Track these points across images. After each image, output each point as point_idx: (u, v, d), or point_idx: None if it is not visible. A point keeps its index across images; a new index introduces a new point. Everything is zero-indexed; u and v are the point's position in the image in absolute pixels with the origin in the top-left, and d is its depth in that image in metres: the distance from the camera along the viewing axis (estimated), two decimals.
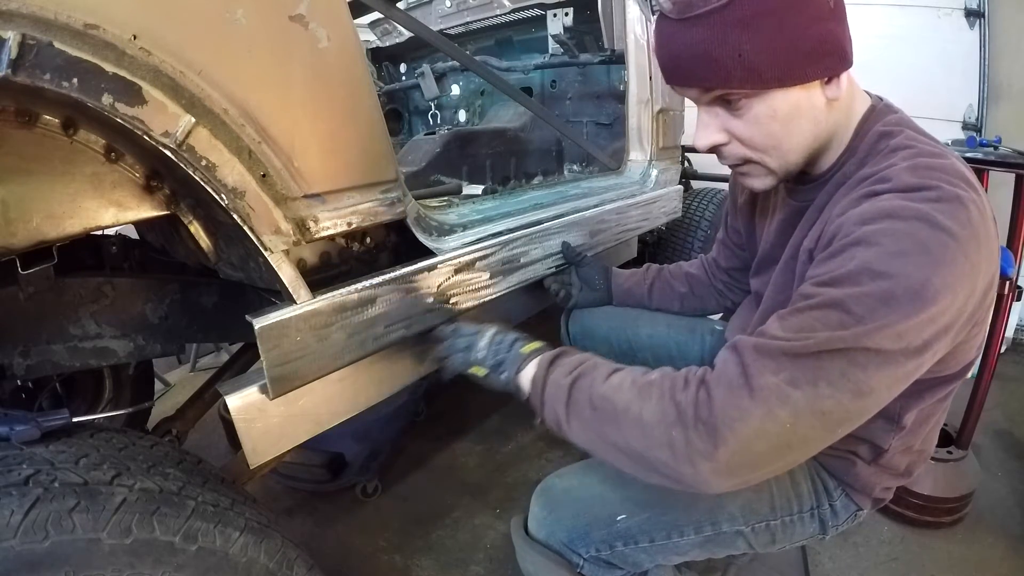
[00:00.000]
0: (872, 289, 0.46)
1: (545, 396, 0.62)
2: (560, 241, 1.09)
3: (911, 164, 0.52)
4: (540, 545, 0.71)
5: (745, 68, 0.51)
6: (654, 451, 0.52)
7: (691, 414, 0.50)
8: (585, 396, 0.59)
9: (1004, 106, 2.15)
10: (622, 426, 0.55)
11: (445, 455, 1.61)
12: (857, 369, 0.46)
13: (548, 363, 0.64)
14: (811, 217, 0.63)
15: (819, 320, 0.48)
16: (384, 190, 0.72)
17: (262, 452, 0.69)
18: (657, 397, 0.53)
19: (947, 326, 0.48)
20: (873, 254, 0.47)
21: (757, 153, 0.59)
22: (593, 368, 0.61)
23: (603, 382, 0.59)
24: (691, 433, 0.49)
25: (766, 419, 0.47)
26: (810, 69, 0.53)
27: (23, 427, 0.54)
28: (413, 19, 0.98)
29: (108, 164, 0.57)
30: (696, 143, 0.61)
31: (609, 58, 1.56)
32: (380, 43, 2.17)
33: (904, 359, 0.47)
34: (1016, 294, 1.27)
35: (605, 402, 0.57)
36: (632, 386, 0.56)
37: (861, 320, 0.46)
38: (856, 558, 1.20)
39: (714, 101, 0.58)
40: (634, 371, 0.59)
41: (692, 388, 0.52)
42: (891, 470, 0.68)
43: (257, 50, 0.56)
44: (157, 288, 0.93)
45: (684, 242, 1.96)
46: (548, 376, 0.63)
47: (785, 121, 0.56)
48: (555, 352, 0.67)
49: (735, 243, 0.93)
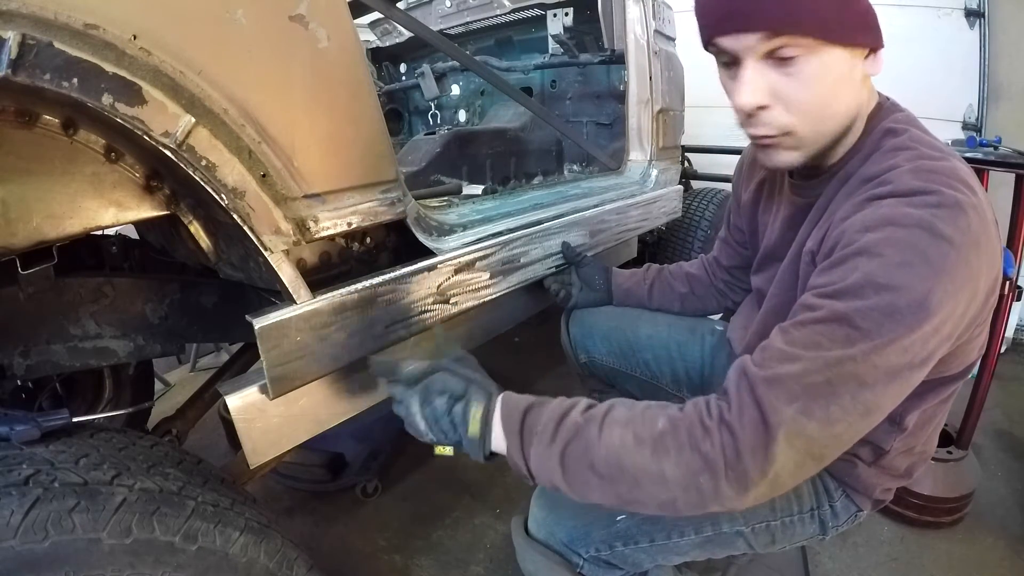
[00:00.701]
0: (877, 302, 0.47)
1: (534, 471, 0.57)
2: (560, 241, 1.09)
3: (912, 167, 0.52)
4: (540, 545, 0.71)
5: (815, 15, 0.50)
6: (680, 500, 0.51)
7: (720, 464, 0.49)
8: (584, 465, 0.54)
9: (1004, 106, 2.15)
10: (642, 486, 0.52)
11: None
12: (866, 390, 0.47)
13: (519, 434, 0.57)
14: (815, 216, 0.63)
15: (825, 335, 0.48)
16: (384, 190, 0.72)
17: (262, 452, 0.69)
18: (676, 450, 0.51)
19: (950, 334, 0.49)
20: (876, 265, 0.48)
21: (800, 120, 0.56)
22: (577, 429, 0.55)
23: (599, 442, 0.53)
24: (721, 481, 0.49)
25: (787, 453, 0.48)
26: (860, 35, 0.53)
27: (23, 427, 0.54)
28: (413, 19, 0.98)
29: (108, 164, 0.57)
30: (739, 101, 0.56)
31: (609, 58, 1.56)
32: (380, 43, 2.17)
33: (909, 372, 0.49)
34: (1016, 294, 1.27)
35: (613, 468, 0.52)
36: (638, 444, 0.52)
37: (867, 335, 0.47)
38: (856, 558, 1.20)
39: (767, 56, 0.54)
40: (631, 420, 0.54)
41: (716, 436, 0.50)
42: (892, 471, 0.68)
43: (257, 50, 0.56)
44: (157, 288, 0.93)
45: (684, 242, 1.96)
46: (527, 450, 0.56)
47: (834, 84, 0.54)
48: (519, 414, 0.58)
49: (737, 241, 0.93)
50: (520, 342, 2.31)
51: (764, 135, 0.58)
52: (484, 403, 0.58)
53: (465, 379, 0.61)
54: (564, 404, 0.58)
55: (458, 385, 0.60)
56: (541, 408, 0.58)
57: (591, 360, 1.05)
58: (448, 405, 0.59)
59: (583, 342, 1.05)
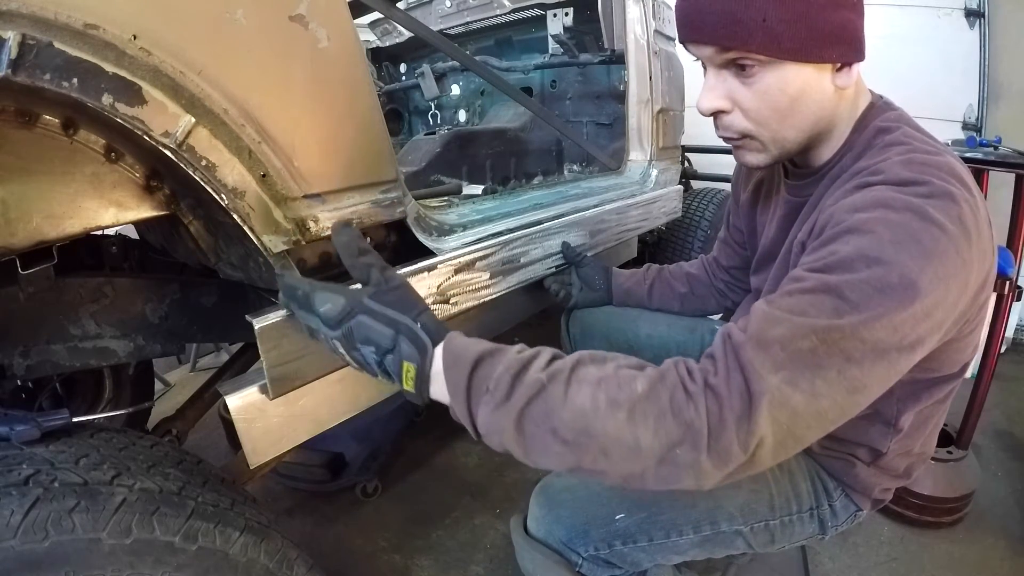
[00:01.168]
0: (867, 276, 0.45)
1: (482, 430, 0.50)
2: (560, 241, 1.09)
3: (905, 159, 0.52)
4: (539, 544, 0.71)
5: (767, 34, 0.51)
6: (650, 472, 0.47)
7: (704, 435, 0.45)
8: (545, 428, 0.47)
9: (1004, 106, 2.16)
10: (610, 455, 0.46)
11: (445, 455, 1.61)
12: (853, 366, 0.45)
13: (465, 389, 0.49)
14: (807, 213, 0.63)
15: (813, 305, 0.46)
16: (384, 190, 0.72)
17: (262, 452, 0.69)
18: (655, 417, 0.46)
19: (940, 322, 0.48)
20: (867, 241, 0.47)
21: (756, 127, 0.58)
22: (539, 387, 0.47)
23: (564, 403, 0.47)
24: (702, 456, 0.45)
25: (769, 426, 0.45)
26: (827, 51, 0.53)
27: (23, 427, 0.54)
28: (413, 19, 0.98)
29: (108, 164, 0.57)
30: (699, 105, 0.59)
31: (609, 58, 1.56)
32: (380, 43, 2.17)
33: (897, 354, 0.46)
34: (1016, 294, 1.27)
35: (579, 434, 0.46)
36: (611, 407, 0.46)
37: (856, 307, 0.45)
38: (856, 558, 1.20)
39: (727, 64, 0.56)
40: (603, 379, 0.48)
41: (700, 402, 0.45)
42: (890, 471, 0.68)
43: (257, 50, 0.56)
44: (157, 288, 0.93)
45: (684, 242, 1.96)
46: (475, 408, 0.49)
47: (793, 98, 0.55)
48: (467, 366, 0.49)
49: (736, 241, 0.93)
50: (520, 342, 2.31)
51: (726, 137, 0.62)
52: (417, 362, 0.50)
53: (392, 325, 0.51)
54: (523, 356, 0.50)
55: (384, 334, 0.50)
56: (493, 360, 0.50)
57: None
58: (377, 358, 0.51)
59: (583, 342, 1.05)
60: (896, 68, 2.16)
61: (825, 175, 0.62)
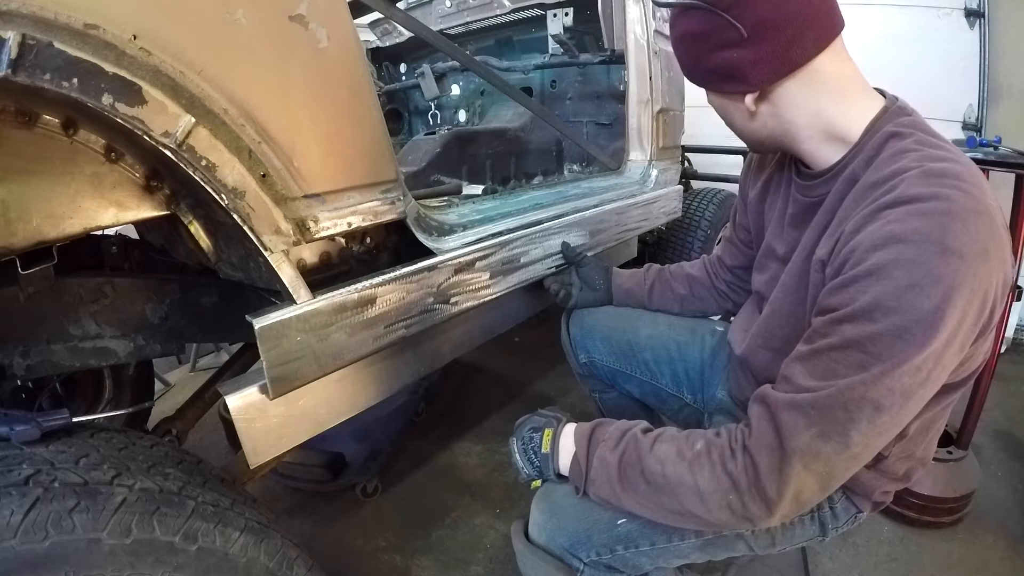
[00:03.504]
0: (886, 326, 0.48)
1: (593, 474, 0.66)
2: (560, 241, 1.09)
3: (919, 171, 0.52)
4: (541, 550, 0.71)
5: (683, 66, 0.68)
6: (714, 514, 0.58)
7: (744, 484, 0.56)
8: (637, 470, 0.62)
9: (1004, 106, 2.15)
10: (680, 496, 0.59)
11: (445, 455, 1.61)
12: (883, 415, 0.50)
13: (587, 439, 0.68)
14: (822, 219, 0.63)
15: (839, 362, 0.51)
16: (384, 190, 0.72)
17: (262, 452, 0.69)
18: (708, 468, 0.58)
19: (962, 345, 0.51)
20: (884, 289, 0.49)
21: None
22: (636, 440, 0.65)
23: (650, 452, 0.62)
24: (746, 499, 0.56)
25: (805, 476, 0.53)
26: (723, 84, 0.63)
27: (23, 427, 0.54)
28: (413, 19, 0.98)
29: (108, 164, 0.57)
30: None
31: (609, 58, 1.56)
32: (380, 43, 2.18)
33: (922, 390, 0.51)
34: (1016, 294, 1.27)
35: (658, 476, 0.61)
36: (679, 458, 0.60)
37: (880, 358, 0.49)
38: (856, 558, 1.20)
39: None
40: (676, 438, 0.63)
41: (739, 459, 0.56)
42: (890, 475, 0.68)
43: (257, 50, 0.56)
44: (157, 288, 0.93)
45: (684, 242, 1.96)
46: (592, 453, 0.67)
47: (720, 114, 0.69)
48: (590, 427, 0.70)
49: (742, 241, 0.92)
50: (520, 342, 2.31)
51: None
52: (554, 427, 0.72)
53: (547, 417, 0.75)
54: (627, 423, 0.69)
55: (540, 420, 0.75)
56: (607, 424, 0.70)
57: (591, 360, 1.05)
58: (531, 435, 0.73)
59: (583, 342, 1.05)
60: (896, 68, 2.16)
61: (836, 177, 0.62)
